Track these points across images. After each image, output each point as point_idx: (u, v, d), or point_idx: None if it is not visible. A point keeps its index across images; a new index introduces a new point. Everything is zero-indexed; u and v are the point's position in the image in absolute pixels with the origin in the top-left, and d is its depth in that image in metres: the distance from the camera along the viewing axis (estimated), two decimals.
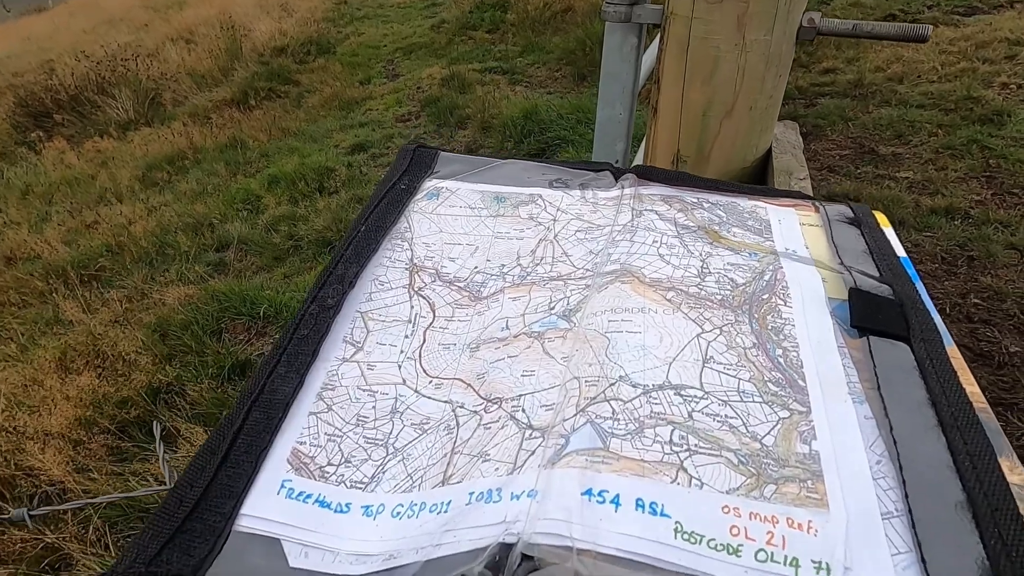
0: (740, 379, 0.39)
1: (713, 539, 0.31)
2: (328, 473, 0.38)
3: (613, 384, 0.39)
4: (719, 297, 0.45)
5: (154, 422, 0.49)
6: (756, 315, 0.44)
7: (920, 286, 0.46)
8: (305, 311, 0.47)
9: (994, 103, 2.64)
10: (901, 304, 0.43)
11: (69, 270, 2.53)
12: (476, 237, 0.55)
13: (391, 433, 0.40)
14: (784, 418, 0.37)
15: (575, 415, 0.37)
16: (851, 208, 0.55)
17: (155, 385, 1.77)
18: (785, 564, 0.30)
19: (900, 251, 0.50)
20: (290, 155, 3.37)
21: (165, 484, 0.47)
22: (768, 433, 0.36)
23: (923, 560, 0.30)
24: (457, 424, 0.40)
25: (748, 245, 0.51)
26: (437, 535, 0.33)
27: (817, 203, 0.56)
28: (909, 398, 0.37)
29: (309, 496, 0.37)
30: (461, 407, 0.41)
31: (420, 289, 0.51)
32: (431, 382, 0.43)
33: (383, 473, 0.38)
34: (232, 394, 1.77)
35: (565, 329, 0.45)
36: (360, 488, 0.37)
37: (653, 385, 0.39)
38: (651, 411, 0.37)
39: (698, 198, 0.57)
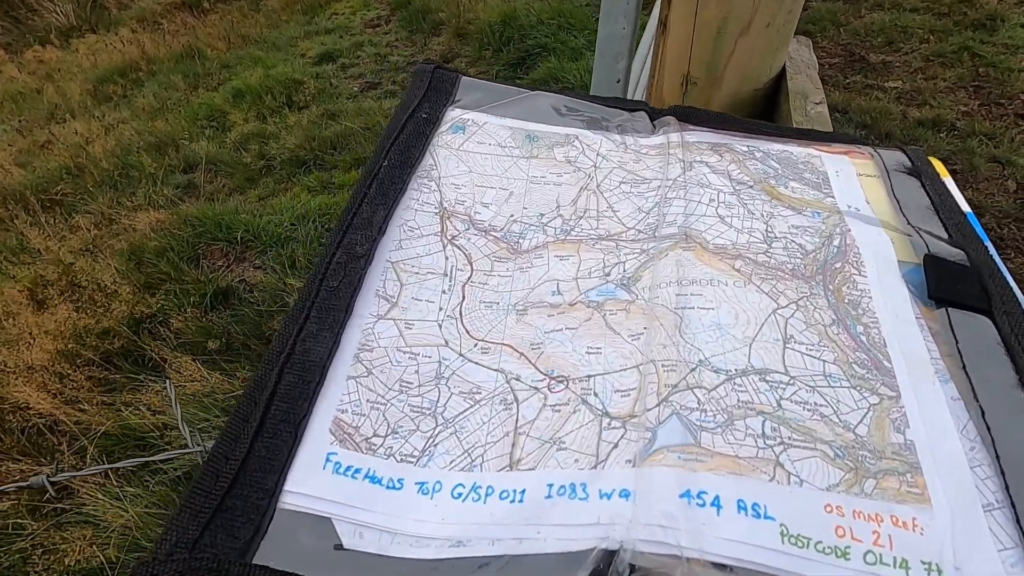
0: (824, 361, 0.38)
1: (820, 542, 0.30)
2: (375, 445, 0.36)
3: (694, 370, 0.37)
4: (790, 266, 0.43)
5: (167, 381, 0.47)
6: (831, 287, 0.42)
7: (990, 247, 0.44)
8: (331, 259, 0.43)
9: (988, 7, 2.56)
10: (979, 272, 0.42)
11: (28, 195, 2.40)
12: (509, 180, 0.51)
13: (438, 401, 0.38)
14: (874, 404, 0.36)
15: (658, 405, 0.35)
16: (907, 156, 0.52)
17: (136, 316, 1.74)
18: (895, 566, 0.29)
19: (964, 206, 0.48)
20: (253, 66, 3.16)
21: (177, 423, 0.46)
22: (860, 422, 0.35)
23: None
24: (516, 400, 0.37)
25: (809, 203, 0.48)
26: (516, 527, 0.31)
27: (871, 150, 0.53)
28: (997, 379, 0.36)
29: (358, 471, 0.34)
30: (517, 379, 0.38)
31: (454, 238, 0.47)
32: (476, 345, 0.40)
33: (435, 447, 0.36)
34: (217, 322, 1.74)
35: (627, 301, 0.42)
36: (411, 462, 0.35)
37: (736, 370, 0.37)
38: (738, 400, 0.36)
39: (748, 147, 0.53)
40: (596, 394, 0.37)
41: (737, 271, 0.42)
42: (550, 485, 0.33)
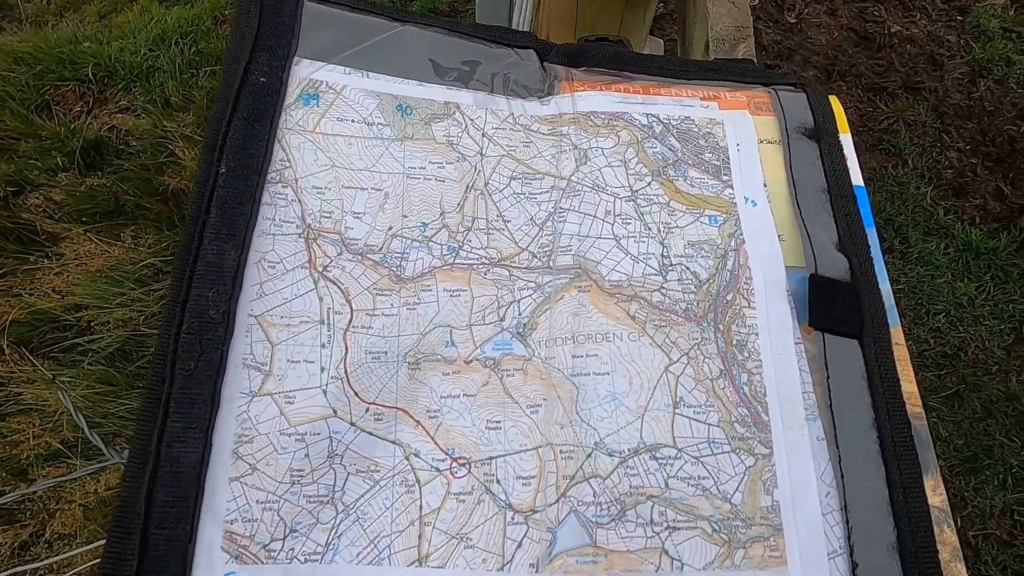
0: (709, 424, 0.40)
1: None
2: (274, 551, 0.33)
3: (590, 456, 0.38)
4: (683, 305, 0.43)
5: (61, 393, 0.44)
6: (721, 326, 0.43)
7: (872, 233, 0.46)
8: (178, 328, 0.35)
9: None
10: (858, 292, 0.43)
11: None
12: (383, 177, 0.43)
13: (335, 486, 0.36)
14: (750, 467, 0.39)
15: (557, 500, 0.37)
16: (810, 107, 0.50)
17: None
18: None
19: (857, 176, 0.49)
20: None
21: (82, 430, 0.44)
22: (736, 490, 0.38)
23: None
24: (418, 481, 0.37)
25: (708, 201, 0.47)
26: None
27: (772, 93, 0.51)
28: (857, 420, 0.40)
29: None
30: (416, 455, 0.37)
31: (325, 268, 0.40)
32: (367, 410, 0.38)
33: (338, 538, 0.34)
34: (98, 185, 1.57)
35: (523, 358, 0.41)
36: (316, 560, 0.33)
37: (628, 450, 0.39)
38: (630, 486, 0.38)
39: (648, 117, 0.49)
40: (498, 480, 0.37)
41: (632, 318, 0.43)
42: None
